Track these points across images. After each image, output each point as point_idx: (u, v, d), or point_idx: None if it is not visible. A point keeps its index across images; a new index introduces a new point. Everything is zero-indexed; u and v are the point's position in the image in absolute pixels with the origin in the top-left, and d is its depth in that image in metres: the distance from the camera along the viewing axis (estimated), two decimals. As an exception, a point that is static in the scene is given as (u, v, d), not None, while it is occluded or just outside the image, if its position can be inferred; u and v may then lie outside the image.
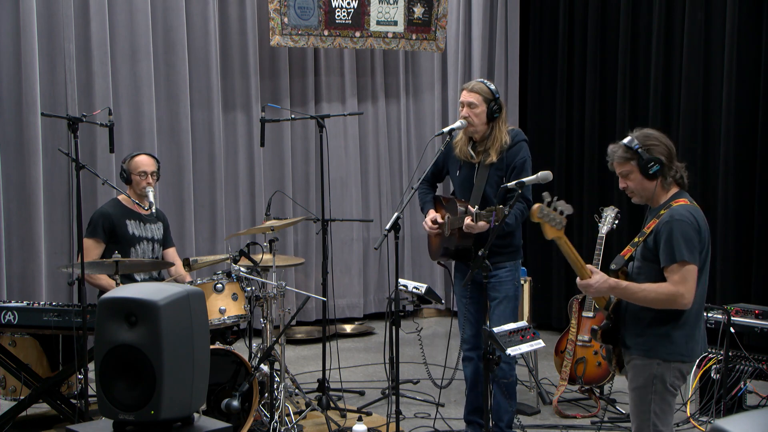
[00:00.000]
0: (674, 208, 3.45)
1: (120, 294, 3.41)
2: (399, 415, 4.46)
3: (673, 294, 3.37)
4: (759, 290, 6.34)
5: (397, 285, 4.40)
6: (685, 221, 3.40)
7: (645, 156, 3.46)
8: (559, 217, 3.40)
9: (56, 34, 6.51)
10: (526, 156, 4.61)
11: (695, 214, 3.46)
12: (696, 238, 3.40)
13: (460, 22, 8.16)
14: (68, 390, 5.00)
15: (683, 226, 3.39)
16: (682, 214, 3.42)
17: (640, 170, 3.49)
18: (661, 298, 3.39)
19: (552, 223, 3.39)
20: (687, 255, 3.37)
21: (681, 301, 3.38)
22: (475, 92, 4.59)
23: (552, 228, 3.40)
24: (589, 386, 5.47)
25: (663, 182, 3.49)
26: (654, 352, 3.46)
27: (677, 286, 3.37)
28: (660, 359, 3.46)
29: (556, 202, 3.40)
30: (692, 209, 3.48)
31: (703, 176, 6.66)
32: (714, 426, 1.91)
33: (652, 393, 3.46)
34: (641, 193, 3.55)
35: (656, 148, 3.48)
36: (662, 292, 3.38)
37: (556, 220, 3.39)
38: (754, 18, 6.45)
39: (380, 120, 8.12)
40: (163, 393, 3.22)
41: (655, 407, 3.46)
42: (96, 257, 5.18)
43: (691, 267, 3.38)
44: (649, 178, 3.48)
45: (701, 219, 3.47)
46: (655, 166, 3.46)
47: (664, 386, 3.47)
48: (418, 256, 8.26)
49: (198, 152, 7.25)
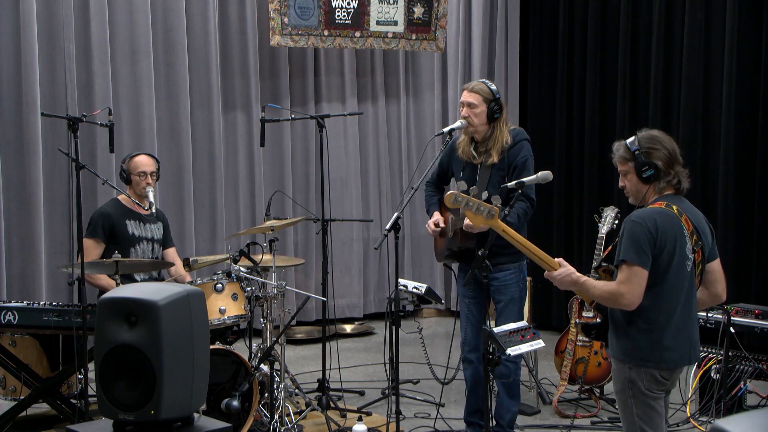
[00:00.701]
0: (637, 210, 3.46)
1: (120, 294, 3.41)
2: (399, 415, 4.46)
3: (613, 292, 3.36)
4: (759, 290, 6.34)
5: (397, 285, 4.40)
6: (638, 222, 3.38)
7: (641, 159, 3.45)
8: (483, 205, 3.37)
9: (56, 34, 6.51)
10: (528, 155, 4.60)
11: (656, 216, 3.39)
12: (645, 239, 3.34)
13: (460, 22, 8.16)
14: (68, 390, 5.00)
15: (634, 227, 3.37)
16: (638, 215, 3.41)
17: (635, 172, 3.49)
18: (605, 296, 3.39)
19: (473, 210, 3.38)
20: (630, 256, 3.34)
21: (622, 301, 3.35)
22: (475, 92, 4.59)
23: (477, 216, 3.40)
24: (589, 386, 5.47)
25: (656, 186, 3.48)
26: (625, 355, 3.43)
27: (618, 285, 3.36)
28: (631, 364, 3.42)
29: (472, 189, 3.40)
30: (656, 211, 3.41)
31: (703, 176, 6.66)
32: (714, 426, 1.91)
33: (630, 397, 3.43)
34: (634, 194, 3.56)
35: (656, 152, 3.46)
36: (605, 290, 3.39)
37: (479, 208, 3.37)
38: (754, 18, 6.45)
39: (380, 120, 8.12)
40: (163, 393, 3.22)
41: (636, 410, 3.43)
42: (96, 257, 5.18)
43: (635, 269, 3.33)
44: (643, 182, 3.49)
45: (661, 220, 3.38)
46: (649, 170, 3.45)
47: (640, 390, 3.41)
48: (418, 256, 8.26)
49: (198, 152, 7.25)
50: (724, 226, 6.46)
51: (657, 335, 3.39)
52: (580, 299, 5.48)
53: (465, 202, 3.40)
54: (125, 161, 5.40)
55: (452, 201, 3.38)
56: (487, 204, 3.42)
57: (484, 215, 3.39)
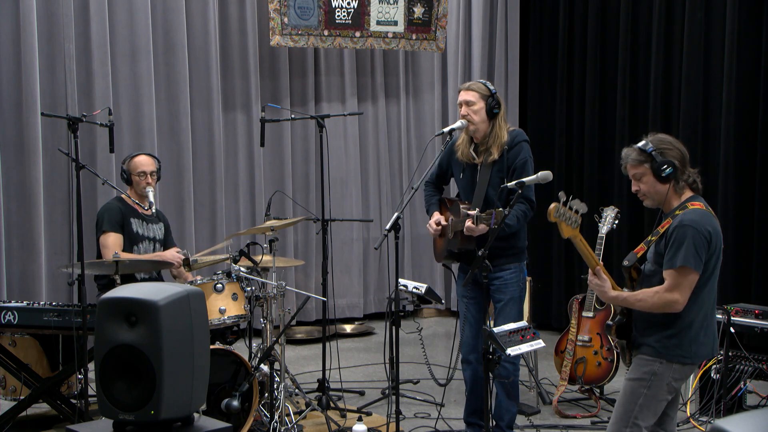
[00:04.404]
0: (686, 213, 3.49)
1: (120, 294, 3.40)
2: (399, 415, 4.46)
3: (668, 301, 3.45)
4: (759, 290, 6.34)
5: (397, 285, 4.39)
6: (695, 227, 3.43)
7: (659, 159, 3.50)
8: (574, 216, 3.47)
9: (56, 34, 6.51)
10: (527, 157, 4.60)
11: (707, 220, 3.49)
12: (703, 244, 3.44)
13: (460, 22, 8.16)
14: (68, 390, 5.00)
15: (692, 232, 3.43)
16: (692, 220, 3.45)
17: (653, 173, 3.52)
18: (657, 305, 3.47)
19: (568, 222, 3.47)
20: (688, 261, 3.41)
21: (676, 307, 3.46)
22: (472, 90, 4.60)
23: (568, 227, 3.48)
24: (589, 386, 5.47)
25: (675, 186, 3.54)
26: (659, 352, 3.51)
27: (672, 293, 3.44)
28: (663, 359, 3.51)
29: (572, 201, 3.47)
30: (704, 214, 3.51)
31: (703, 176, 6.53)
32: (714, 426, 1.91)
33: (645, 388, 3.52)
34: (653, 197, 3.58)
35: (670, 152, 3.53)
36: (657, 301, 3.47)
37: (572, 219, 3.47)
38: (754, 18, 6.44)
39: (380, 120, 8.12)
40: (163, 393, 3.22)
41: (642, 402, 3.52)
42: (120, 249, 5.18)
43: (690, 273, 3.43)
44: (662, 181, 3.52)
45: (712, 225, 3.50)
46: (668, 168, 3.50)
47: (661, 385, 3.51)
48: (418, 256, 8.26)
49: (198, 152, 7.25)
50: (724, 227, 6.37)
51: (695, 332, 3.51)
52: (580, 299, 5.49)
53: (566, 216, 3.48)
54: (125, 162, 5.40)
55: (556, 214, 3.46)
56: (575, 214, 3.50)
57: (574, 227, 3.50)
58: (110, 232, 5.21)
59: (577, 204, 3.47)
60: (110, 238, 5.19)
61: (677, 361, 3.50)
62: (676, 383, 3.55)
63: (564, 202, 3.45)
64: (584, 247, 3.54)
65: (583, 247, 3.54)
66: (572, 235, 3.49)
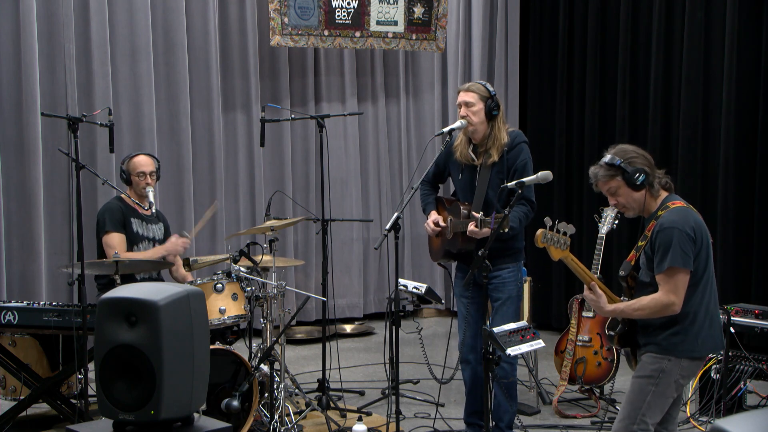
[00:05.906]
0: (667, 214, 3.53)
1: (120, 294, 3.40)
2: (399, 415, 4.45)
3: (664, 305, 3.49)
4: (759, 290, 6.33)
5: (397, 285, 4.39)
6: (677, 227, 3.48)
7: (629, 168, 3.56)
8: (563, 239, 3.54)
9: (56, 34, 6.51)
10: (527, 158, 4.59)
11: (688, 217, 3.53)
12: (688, 242, 3.47)
13: (460, 22, 8.16)
14: (68, 390, 5.00)
15: (675, 233, 3.47)
16: (673, 221, 3.50)
17: (627, 183, 3.59)
18: (654, 311, 3.51)
19: (557, 245, 3.54)
20: (675, 261, 3.45)
21: (673, 309, 3.50)
22: (471, 91, 4.60)
23: (557, 249, 3.55)
24: (589, 386, 5.47)
25: (651, 190, 3.59)
26: (666, 349, 3.55)
27: (667, 296, 3.48)
28: (672, 356, 3.54)
29: (558, 224, 3.53)
30: (684, 211, 3.55)
31: (703, 176, 6.66)
32: (714, 426, 1.91)
33: (653, 386, 3.55)
34: (632, 206, 3.65)
35: (636, 159, 3.59)
36: (653, 306, 3.51)
37: (560, 241, 3.54)
38: (754, 18, 6.44)
39: (380, 120, 8.12)
40: (163, 393, 3.22)
41: (650, 399, 3.55)
42: (124, 249, 5.18)
43: (681, 274, 3.46)
44: (636, 189, 3.58)
45: (695, 220, 3.54)
46: (641, 176, 3.56)
47: (669, 382, 3.54)
48: (418, 256, 8.26)
49: (198, 152, 7.25)
50: (724, 226, 6.46)
51: (699, 325, 3.54)
52: (580, 299, 5.49)
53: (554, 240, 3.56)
54: (124, 162, 5.39)
55: (543, 240, 3.53)
56: (563, 236, 3.56)
57: (563, 248, 3.57)
58: (113, 232, 5.21)
59: (564, 227, 3.54)
60: (114, 237, 5.19)
61: (685, 356, 3.54)
62: (683, 380, 3.59)
63: (550, 227, 3.52)
64: (576, 265, 3.59)
65: (576, 266, 3.59)
66: (563, 257, 3.55)
